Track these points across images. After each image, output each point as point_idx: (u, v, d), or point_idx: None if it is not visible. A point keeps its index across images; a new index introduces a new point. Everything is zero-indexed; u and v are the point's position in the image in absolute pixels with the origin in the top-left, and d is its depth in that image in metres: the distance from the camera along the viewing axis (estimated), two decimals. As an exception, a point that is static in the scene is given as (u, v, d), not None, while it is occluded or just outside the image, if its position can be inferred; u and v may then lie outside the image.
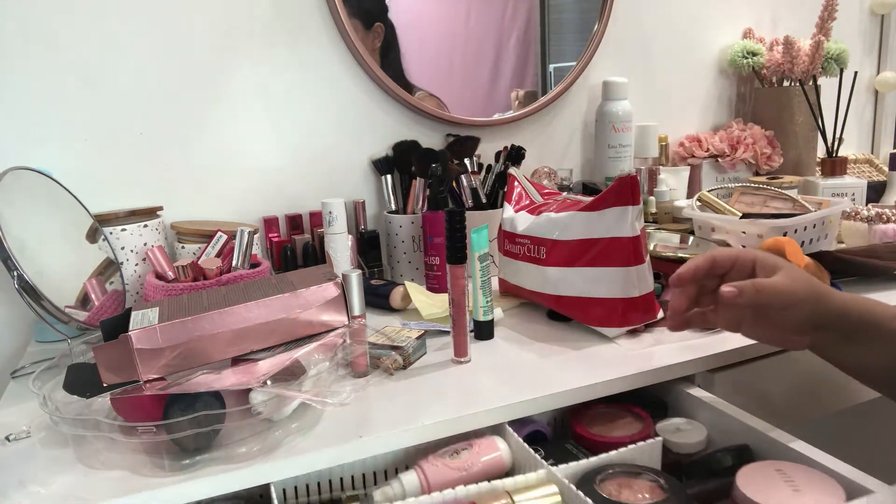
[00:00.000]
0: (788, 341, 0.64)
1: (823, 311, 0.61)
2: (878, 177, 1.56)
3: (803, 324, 0.61)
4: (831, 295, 0.61)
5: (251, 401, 0.59)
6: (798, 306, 0.60)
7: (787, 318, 0.61)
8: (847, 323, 0.61)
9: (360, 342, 0.72)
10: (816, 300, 0.60)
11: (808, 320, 0.61)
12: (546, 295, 0.86)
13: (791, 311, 0.60)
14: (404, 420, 0.63)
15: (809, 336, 0.62)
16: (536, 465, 0.60)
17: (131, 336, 0.59)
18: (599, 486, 0.57)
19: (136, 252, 0.93)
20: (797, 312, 0.60)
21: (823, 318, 0.61)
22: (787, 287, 0.60)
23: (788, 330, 0.62)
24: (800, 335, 0.62)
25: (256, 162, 1.09)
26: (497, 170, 1.15)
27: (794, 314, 0.61)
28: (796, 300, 0.60)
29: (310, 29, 1.09)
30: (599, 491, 0.56)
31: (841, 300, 0.61)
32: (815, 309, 0.60)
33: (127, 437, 0.57)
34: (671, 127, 1.45)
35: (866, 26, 1.71)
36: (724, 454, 0.62)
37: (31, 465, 0.59)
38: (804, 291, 0.60)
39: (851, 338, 0.61)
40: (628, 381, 0.70)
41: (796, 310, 0.60)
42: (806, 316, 0.61)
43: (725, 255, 0.64)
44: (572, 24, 1.31)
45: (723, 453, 0.62)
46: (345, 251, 0.94)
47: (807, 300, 0.60)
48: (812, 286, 0.61)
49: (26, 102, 0.94)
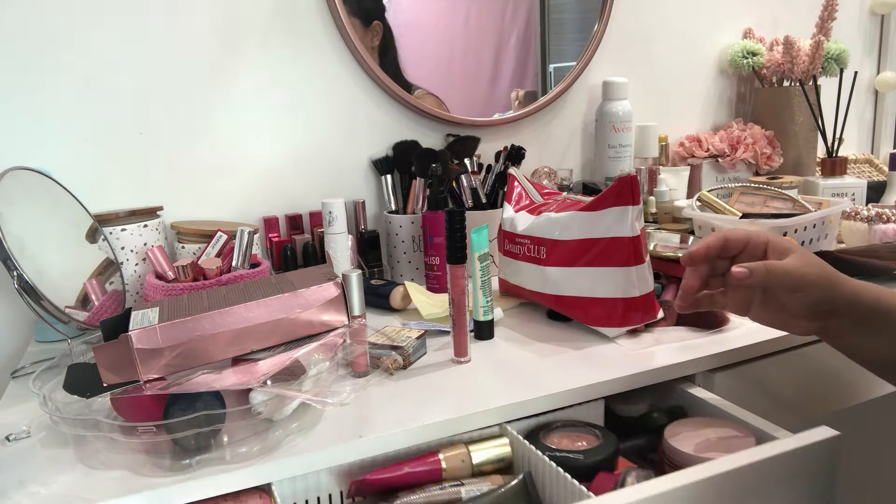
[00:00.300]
0: (797, 326, 0.63)
1: (835, 297, 0.59)
2: (878, 177, 1.56)
3: (813, 308, 0.60)
4: (843, 280, 0.60)
5: (251, 401, 0.59)
6: (809, 289, 0.59)
7: (797, 302, 0.60)
8: (859, 309, 0.59)
9: (360, 342, 0.72)
10: (828, 284, 0.59)
11: (818, 305, 0.60)
12: (546, 295, 0.86)
13: (801, 294, 0.59)
14: (404, 420, 0.63)
15: (819, 322, 0.61)
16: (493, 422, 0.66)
17: (131, 336, 0.59)
18: (544, 438, 0.65)
19: (136, 252, 0.93)
20: (808, 296, 0.59)
21: (834, 304, 0.60)
22: (799, 269, 0.59)
23: (797, 314, 0.61)
24: (809, 320, 0.62)
25: (256, 162, 1.09)
26: (497, 170, 1.15)
27: (805, 298, 0.60)
28: (807, 283, 0.59)
29: (309, 28, 1.09)
30: (543, 441, 0.65)
31: (853, 286, 0.60)
32: (827, 293, 0.59)
33: (127, 437, 0.57)
34: (671, 127, 1.45)
35: (866, 26, 1.71)
36: (660, 414, 0.71)
37: (31, 465, 0.59)
38: (816, 275, 0.59)
39: (863, 325, 0.60)
40: (628, 381, 0.70)
41: (807, 293, 0.59)
42: (816, 300, 0.60)
43: (737, 235, 0.63)
44: (572, 24, 1.31)
45: (659, 413, 0.71)
46: (345, 251, 0.94)
47: (818, 284, 0.59)
48: (824, 270, 0.60)
49: (26, 102, 0.94)
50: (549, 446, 0.64)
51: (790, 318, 0.62)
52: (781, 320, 0.63)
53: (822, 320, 0.61)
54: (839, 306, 0.60)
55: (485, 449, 0.64)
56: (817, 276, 0.59)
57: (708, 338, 0.79)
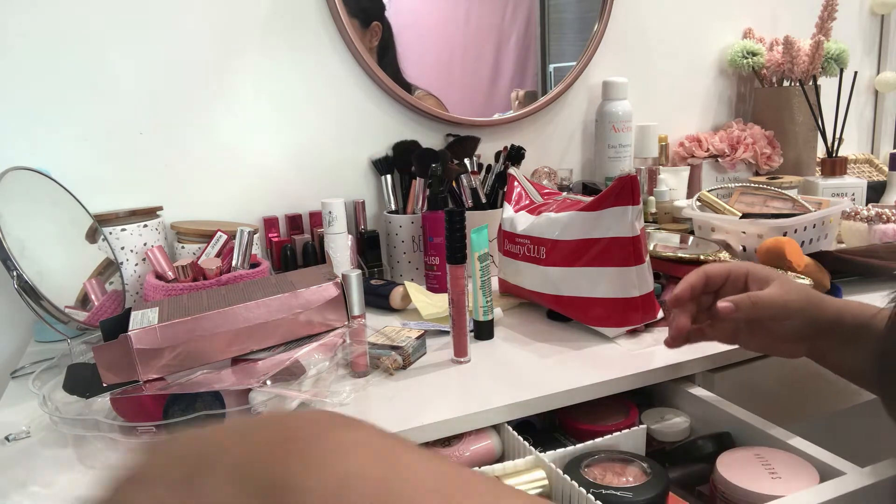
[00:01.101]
0: (785, 350, 0.64)
1: (819, 320, 0.61)
2: (878, 177, 1.56)
3: (799, 332, 0.62)
4: (826, 302, 0.62)
5: (251, 401, 0.59)
6: (793, 316, 0.61)
7: (783, 328, 0.62)
8: (843, 329, 0.61)
9: (360, 342, 0.72)
10: (811, 309, 0.61)
11: (803, 329, 0.61)
12: (546, 295, 0.86)
13: (786, 321, 0.61)
14: (404, 420, 0.63)
15: (806, 344, 0.63)
16: (525, 451, 0.61)
17: (131, 336, 0.59)
18: (585, 470, 0.59)
19: (135, 252, 0.93)
20: (793, 322, 0.61)
21: (819, 326, 0.61)
22: (782, 298, 0.60)
23: (785, 339, 0.63)
24: (796, 343, 0.63)
25: (256, 162, 1.09)
26: (497, 170, 1.15)
27: (790, 324, 0.61)
28: (791, 310, 0.60)
29: (309, 28, 1.09)
30: (585, 475, 0.58)
31: (836, 307, 0.61)
32: (811, 318, 0.61)
33: (127, 437, 0.57)
34: (671, 127, 1.45)
35: (866, 26, 1.71)
36: (705, 441, 0.65)
37: (31, 465, 0.59)
38: (798, 302, 0.61)
39: (848, 343, 0.61)
40: (628, 381, 0.70)
41: (792, 320, 0.61)
42: (801, 325, 0.61)
43: (717, 270, 0.65)
44: (572, 24, 1.31)
45: (704, 440, 0.65)
46: (345, 251, 0.94)
47: (802, 309, 0.61)
48: (806, 295, 0.61)
49: (26, 102, 0.94)
50: (591, 481, 0.57)
51: (778, 342, 0.63)
52: (769, 346, 0.65)
53: (808, 342, 0.63)
54: (824, 328, 0.61)
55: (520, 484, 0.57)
56: (800, 301, 0.61)
57: (708, 338, 0.79)
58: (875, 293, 0.90)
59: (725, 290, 0.64)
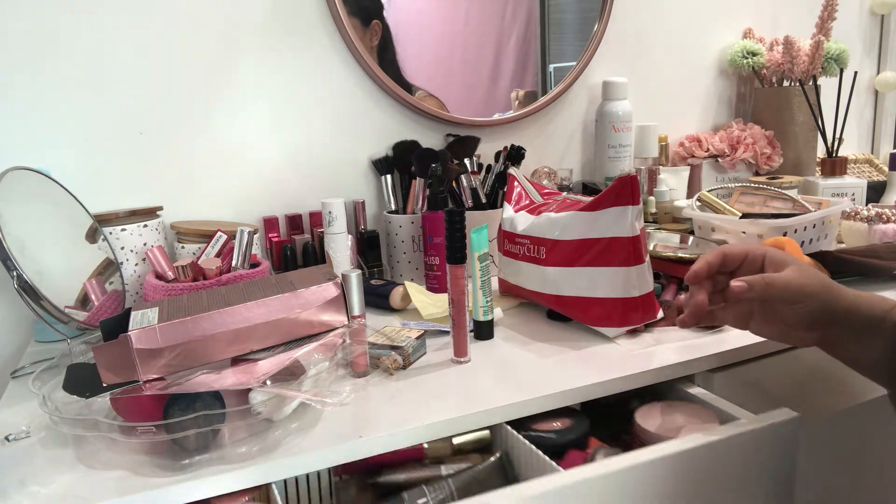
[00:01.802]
0: (796, 338, 0.63)
1: (833, 307, 0.60)
2: (878, 177, 1.56)
3: (812, 319, 0.61)
4: (842, 291, 0.61)
5: (251, 401, 0.59)
6: (808, 301, 0.60)
7: (796, 314, 0.60)
8: (857, 320, 0.60)
9: (360, 342, 0.72)
10: (827, 296, 0.60)
11: (817, 316, 0.60)
12: (546, 295, 0.86)
13: (800, 306, 0.60)
14: (404, 420, 0.63)
15: (818, 332, 0.62)
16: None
17: (131, 336, 0.59)
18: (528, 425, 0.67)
19: (135, 252, 0.93)
20: (807, 307, 0.60)
21: (833, 315, 0.60)
22: (798, 281, 0.60)
23: (797, 326, 0.62)
24: (808, 331, 0.62)
25: (256, 161, 1.09)
26: (497, 170, 1.15)
27: (804, 309, 0.60)
28: (806, 294, 0.59)
29: (309, 27, 1.09)
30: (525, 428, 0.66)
31: (852, 297, 0.60)
32: (825, 304, 0.60)
33: (127, 437, 0.57)
34: (671, 127, 1.45)
35: (866, 26, 1.71)
36: (633, 399, 0.73)
37: (31, 464, 0.59)
38: (814, 287, 0.60)
39: (861, 334, 0.60)
40: (628, 381, 0.70)
41: (806, 305, 0.60)
42: (815, 311, 0.60)
43: (736, 250, 0.64)
44: (572, 24, 1.31)
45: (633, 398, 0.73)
46: (345, 251, 0.94)
47: (817, 295, 0.60)
48: (822, 282, 0.60)
49: (26, 102, 0.94)
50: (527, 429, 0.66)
51: (790, 329, 0.63)
52: (781, 332, 0.64)
53: (821, 331, 0.62)
54: (838, 317, 0.60)
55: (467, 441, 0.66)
56: (816, 287, 0.60)
57: (708, 338, 0.79)
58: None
59: (741, 271, 0.64)
